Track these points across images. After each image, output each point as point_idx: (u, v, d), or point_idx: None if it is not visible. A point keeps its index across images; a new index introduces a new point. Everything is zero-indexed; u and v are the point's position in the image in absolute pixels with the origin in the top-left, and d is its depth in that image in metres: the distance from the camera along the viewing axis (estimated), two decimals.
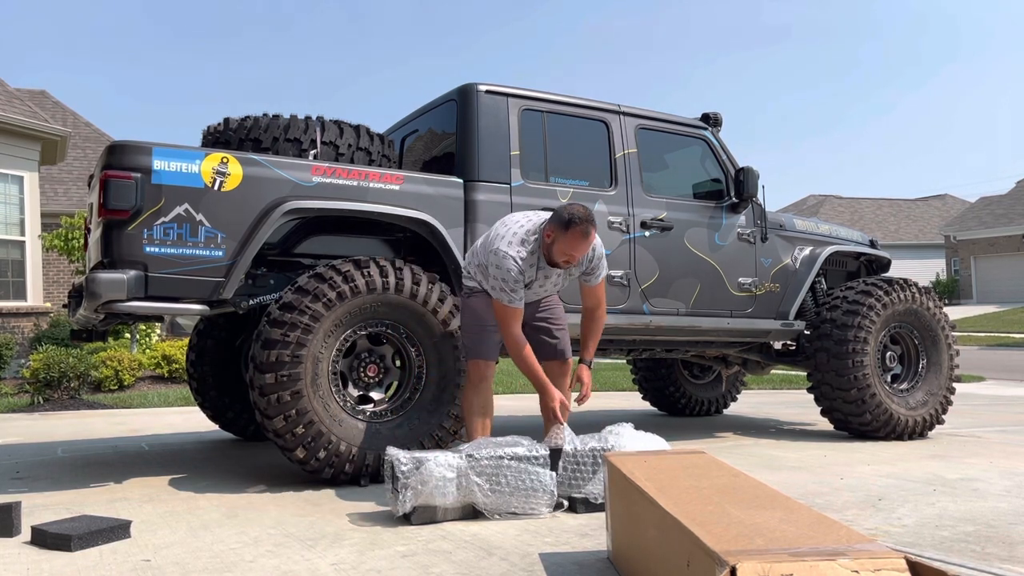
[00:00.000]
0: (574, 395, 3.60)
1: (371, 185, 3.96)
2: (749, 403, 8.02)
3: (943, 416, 5.45)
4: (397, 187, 4.02)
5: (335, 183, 3.87)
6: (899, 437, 5.20)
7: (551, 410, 3.36)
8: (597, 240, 3.45)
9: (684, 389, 6.89)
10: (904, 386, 5.41)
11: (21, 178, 11.77)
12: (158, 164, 3.51)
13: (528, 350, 3.38)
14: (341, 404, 3.66)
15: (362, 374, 3.82)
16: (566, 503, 3.12)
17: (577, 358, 3.68)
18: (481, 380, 3.49)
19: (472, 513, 3.00)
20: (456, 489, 2.94)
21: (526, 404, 8.06)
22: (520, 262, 3.33)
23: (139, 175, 3.47)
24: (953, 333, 5.60)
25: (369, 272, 3.71)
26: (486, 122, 4.35)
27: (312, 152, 4.08)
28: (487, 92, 4.40)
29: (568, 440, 3.15)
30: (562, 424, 3.27)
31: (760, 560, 1.46)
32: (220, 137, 4.16)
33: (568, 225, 3.27)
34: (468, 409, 3.50)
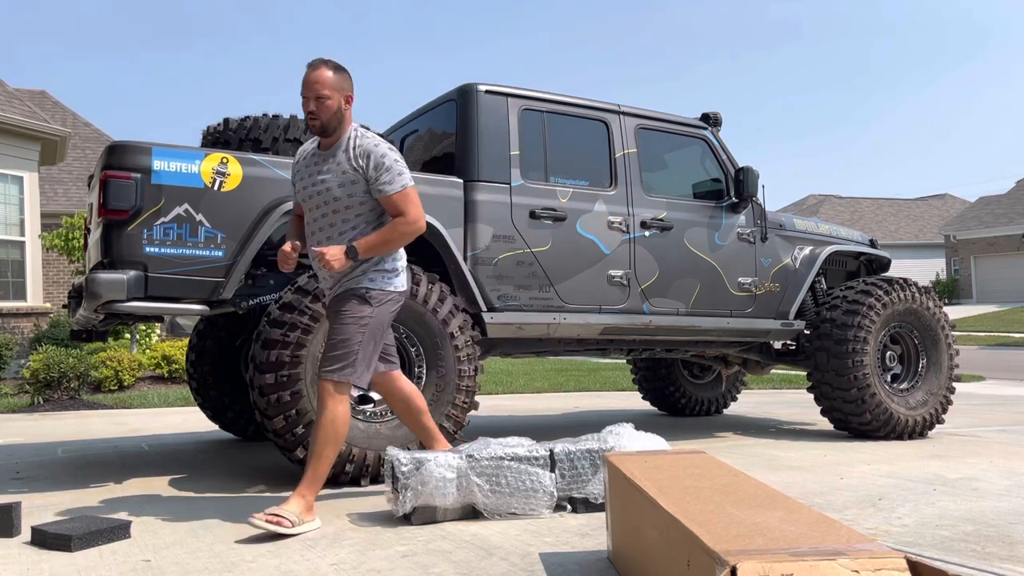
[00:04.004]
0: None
1: None
2: (749, 403, 8.02)
3: (943, 416, 5.45)
4: None
5: None
6: (899, 437, 5.20)
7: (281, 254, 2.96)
8: (382, 143, 3.01)
9: (684, 389, 6.89)
10: (904, 386, 5.41)
11: (21, 178, 11.77)
12: (158, 164, 3.51)
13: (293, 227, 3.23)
14: None
15: None
16: (567, 504, 3.12)
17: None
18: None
19: (472, 513, 3.00)
20: (456, 490, 2.94)
21: (526, 404, 8.06)
22: (300, 150, 3.18)
23: (139, 175, 3.47)
24: (953, 333, 5.61)
25: None
26: (486, 122, 4.35)
27: None
28: (487, 92, 4.40)
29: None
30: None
31: (760, 560, 1.46)
32: (220, 137, 4.16)
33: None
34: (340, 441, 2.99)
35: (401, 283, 3.09)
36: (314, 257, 2.95)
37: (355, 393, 3.82)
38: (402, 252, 3.16)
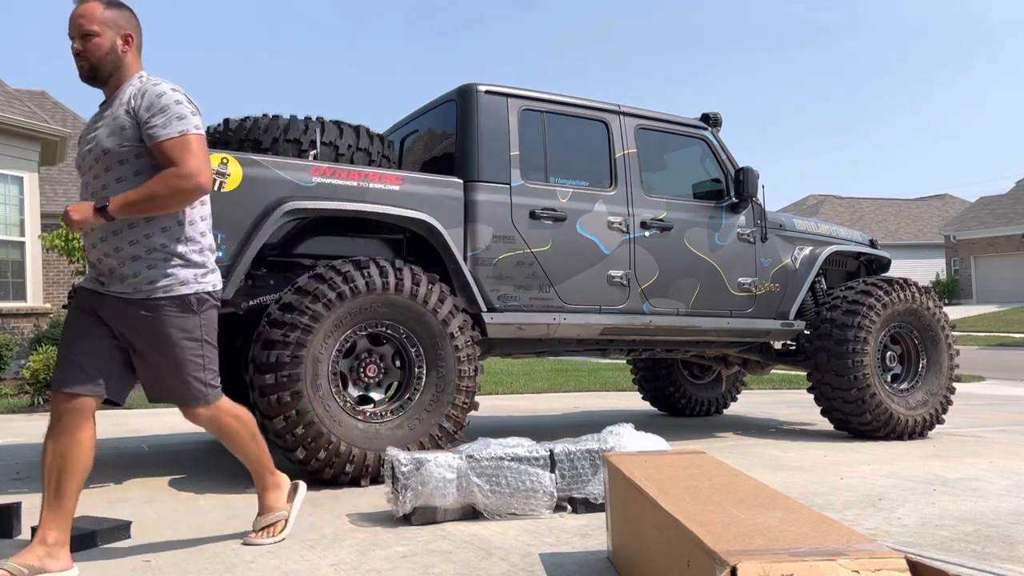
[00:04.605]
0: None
1: (371, 185, 3.96)
2: (749, 403, 8.02)
3: (943, 416, 5.45)
4: (397, 187, 4.02)
5: (335, 183, 3.87)
6: (899, 437, 5.20)
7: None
8: (166, 83, 2.46)
9: (684, 389, 6.89)
10: (904, 386, 5.41)
11: (21, 179, 11.77)
12: None
13: None
14: (341, 404, 3.66)
15: (362, 374, 3.82)
16: (567, 504, 3.12)
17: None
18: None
19: (472, 514, 3.00)
20: (456, 490, 2.94)
21: (526, 404, 8.06)
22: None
23: None
24: (953, 333, 5.61)
25: (369, 272, 3.71)
26: (486, 122, 4.35)
27: (312, 153, 4.08)
28: (487, 92, 4.40)
29: None
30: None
31: (760, 560, 1.46)
32: (220, 138, 4.15)
33: None
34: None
35: (216, 280, 2.58)
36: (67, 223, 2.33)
37: (355, 393, 3.82)
38: (210, 241, 2.59)
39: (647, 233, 4.74)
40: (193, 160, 2.37)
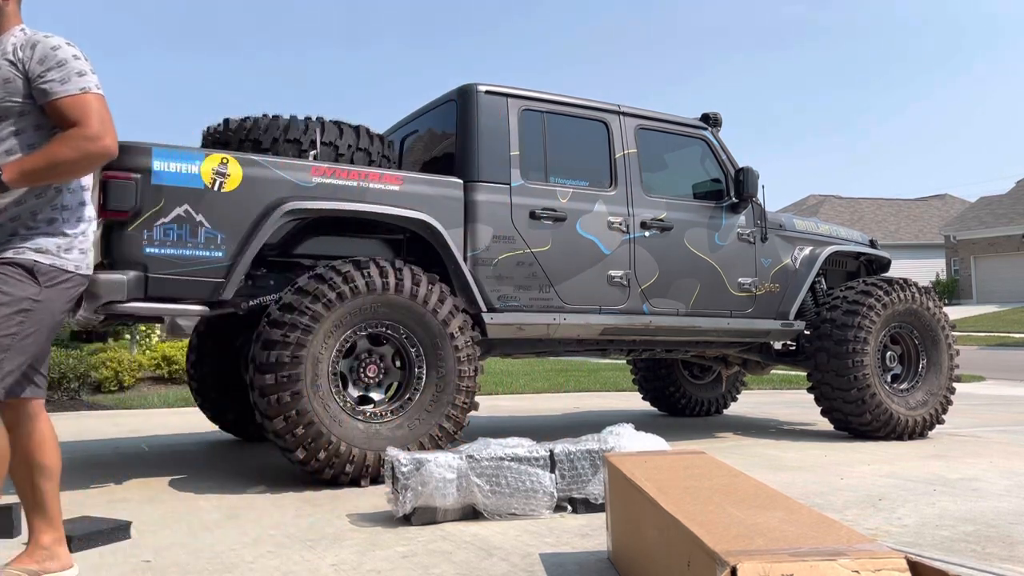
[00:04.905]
0: None
1: (371, 185, 3.96)
2: (749, 403, 8.02)
3: (943, 416, 5.45)
4: (397, 187, 4.02)
5: (335, 184, 3.87)
6: (899, 437, 5.20)
7: None
8: (59, 37, 2.22)
9: (684, 389, 6.89)
10: (904, 386, 5.41)
11: None
12: (158, 165, 3.51)
13: None
14: (341, 405, 3.66)
15: (362, 375, 3.82)
16: (567, 504, 3.12)
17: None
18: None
19: (472, 514, 3.00)
20: (456, 490, 2.94)
21: (526, 404, 8.06)
22: None
23: (139, 176, 3.47)
24: (953, 333, 5.61)
25: (369, 273, 3.71)
26: (486, 122, 4.35)
27: (312, 153, 4.08)
28: (487, 92, 4.40)
29: None
30: None
31: (761, 560, 1.46)
32: (220, 138, 4.16)
33: None
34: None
35: (84, 262, 2.25)
36: None
37: (355, 394, 3.82)
38: (90, 217, 2.30)
39: (647, 233, 4.74)
40: (97, 120, 2.15)
